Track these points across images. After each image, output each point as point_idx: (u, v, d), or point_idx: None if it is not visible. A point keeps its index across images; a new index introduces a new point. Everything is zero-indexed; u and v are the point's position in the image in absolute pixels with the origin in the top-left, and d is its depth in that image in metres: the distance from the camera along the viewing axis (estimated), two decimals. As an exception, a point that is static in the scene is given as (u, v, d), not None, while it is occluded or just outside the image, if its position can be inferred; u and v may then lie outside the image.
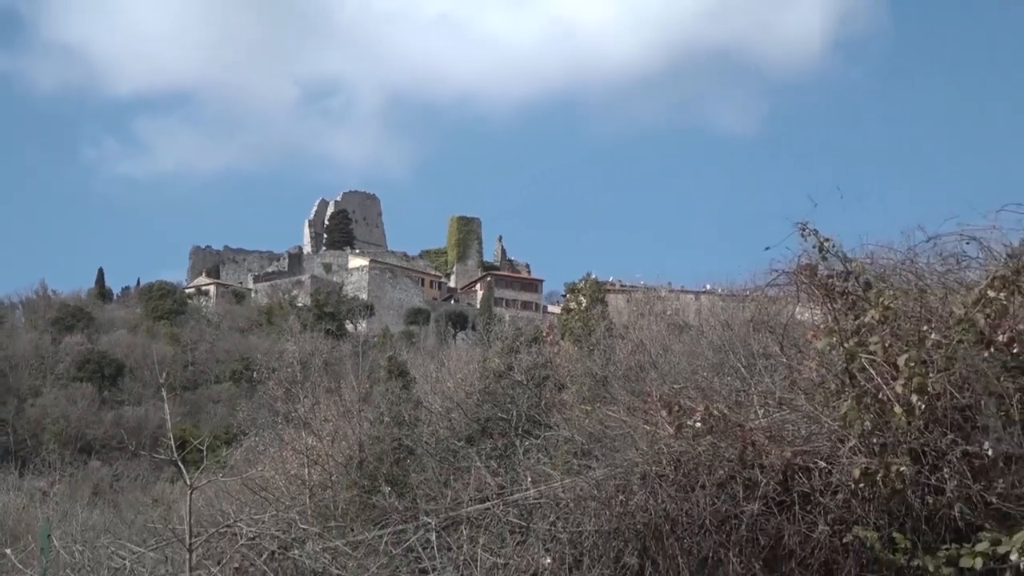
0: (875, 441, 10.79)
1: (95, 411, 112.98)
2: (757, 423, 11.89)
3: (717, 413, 11.57)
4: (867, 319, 11.25)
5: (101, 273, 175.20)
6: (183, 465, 13.98)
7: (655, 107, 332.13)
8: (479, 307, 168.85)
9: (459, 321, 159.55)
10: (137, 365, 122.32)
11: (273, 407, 25.19)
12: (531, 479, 13.92)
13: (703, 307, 42.99)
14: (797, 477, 11.19)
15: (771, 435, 11.57)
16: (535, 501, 13.25)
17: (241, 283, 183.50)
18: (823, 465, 11.09)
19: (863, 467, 10.53)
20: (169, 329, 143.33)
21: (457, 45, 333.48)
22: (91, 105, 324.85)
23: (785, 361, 13.08)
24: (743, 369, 15.95)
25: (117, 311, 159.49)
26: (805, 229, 11.95)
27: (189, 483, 13.31)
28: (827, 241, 11.94)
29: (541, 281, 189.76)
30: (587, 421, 15.47)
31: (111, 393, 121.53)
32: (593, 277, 66.30)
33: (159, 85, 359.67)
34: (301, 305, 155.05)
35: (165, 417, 14.63)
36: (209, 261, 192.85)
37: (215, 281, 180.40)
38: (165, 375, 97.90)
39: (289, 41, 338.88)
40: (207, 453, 14.75)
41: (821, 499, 10.97)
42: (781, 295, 14.18)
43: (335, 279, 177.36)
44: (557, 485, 13.18)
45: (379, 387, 25.25)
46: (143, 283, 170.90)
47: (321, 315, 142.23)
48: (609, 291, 69.84)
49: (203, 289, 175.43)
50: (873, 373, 10.83)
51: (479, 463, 15.49)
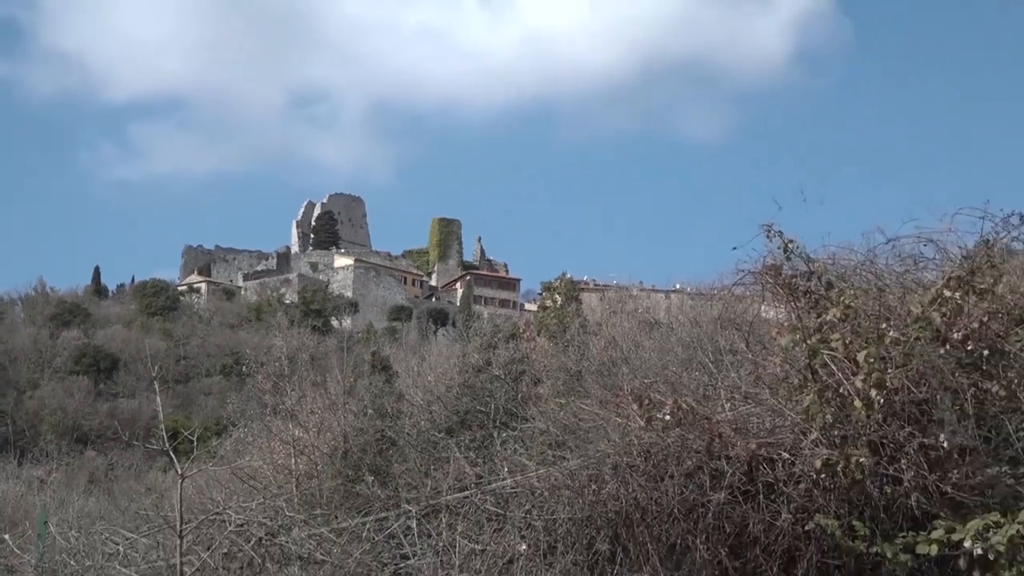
0: (836, 433, 10.80)
1: (91, 403, 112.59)
2: (724, 416, 11.89)
3: (685, 406, 11.57)
4: (829, 317, 11.26)
5: (97, 271, 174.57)
6: (175, 455, 13.93)
7: (627, 114, 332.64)
8: (459, 305, 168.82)
9: (440, 318, 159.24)
10: (131, 359, 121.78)
11: (261, 400, 25.01)
12: (508, 469, 13.90)
13: (673, 305, 42.89)
14: (762, 468, 11.19)
15: (737, 427, 11.57)
16: (511, 490, 13.23)
17: (231, 281, 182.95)
18: (786, 456, 11.10)
19: (824, 458, 10.55)
20: (162, 325, 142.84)
21: (438, 55, 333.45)
22: (88, 110, 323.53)
23: (751, 357, 13.07)
24: (710, 365, 15.93)
25: (112, 307, 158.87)
26: (770, 231, 11.96)
27: (180, 472, 13.24)
28: (791, 242, 11.95)
29: (518, 280, 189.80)
30: (561, 414, 15.40)
31: (106, 386, 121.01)
32: (568, 276, 66.35)
33: (154, 91, 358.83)
34: (289, 302, 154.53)
35: (158, 409, 14.54)
36: (201, 260, 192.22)
37: (206, 279, 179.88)
38: (158, 369, 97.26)
39: (279, 50, 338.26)
40: (198, 443, 14.68)
41: (784, 489, 10.97)
42: (747, 294, 14.15)
43: (321, 277, 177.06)
44: (532, 475, 13.17)
45: (363, 381, 25.10)
46: (137, 281, 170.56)
47: (308, 312, 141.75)
48: (583, 290, 69.71)
49: (195, 287, 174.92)
50: (834, 369, 10.84)
51: (458, 454, 15.45)
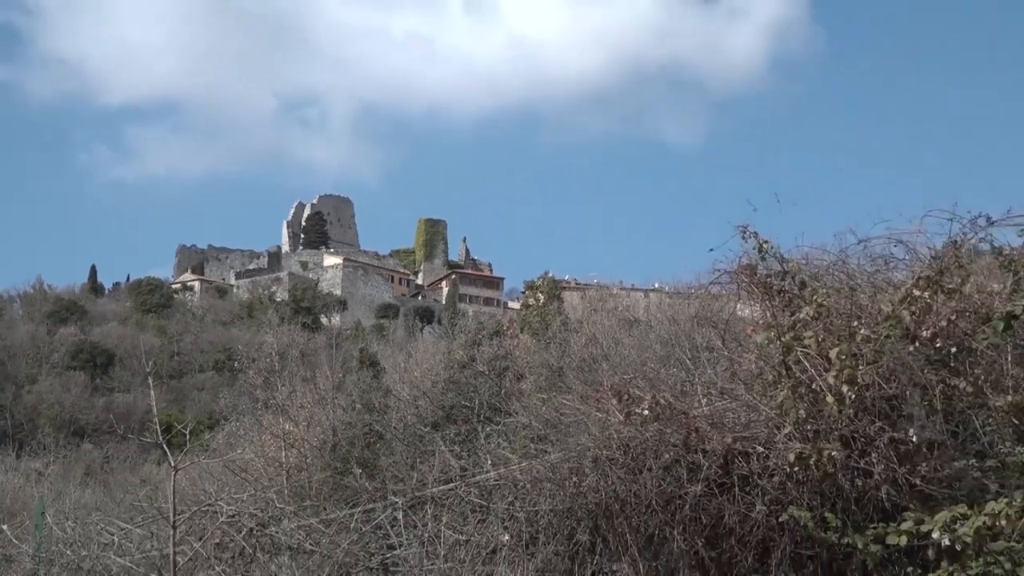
0: (809, 428, 10.80)
1: (87, 397, 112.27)
2: (700, 411, 11.88)
3: (663, 401, 11.55)
4: (802, 315, 11.25)
5: (94, 269, 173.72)
6: (168, 448, 13.89)
7: (609, 119, 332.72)
8: (444, 303, 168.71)
9: (426, 316, 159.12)
10: (127, 355, 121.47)
11: (253, 394, 24.98)
12: (491, 462, 13.90)
13: (651, 304, 42.77)
14: (737, 461, 11.18)
15: (713, 422, 11.56)
16: (495, 483, 13.22)
17: (224, 279, 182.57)
18: (761, 450, 11.09)
19: (798, 452, 10.54)
20: (156, 322, 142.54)
21: (425, 61, 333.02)
22: (85, 113, 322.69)
23: (726, 354, 13.06)
24: (688, 361, 15.93)
25: (108, 305, 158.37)
26: (745, 232, 11.95)
27: (174, 464, 13.21)
28: (766, 243, 11.94)
29: (502, 279, 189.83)
30: (543, 409, 15.39)
31: (102, 381, 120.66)
32: (550, 275, 66.39)
33: (148, 96, 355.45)
34: (279, 300, 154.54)
35: (152, 403, 14.49)
36: (194, 259, 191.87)
37: (200, 277, 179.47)
38: (152, 364, 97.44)
39: (270, 56, 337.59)
40: (191, 437, 14.58)
41: (759, 481, 10.96)
42: (723, 293, 14.17)
43: (311, 276, 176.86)
44: (515, 468, 13.15)
45: (351, 376, 25.12)
46: (133, 279, 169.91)
47: (298, 309, 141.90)
48: (565, 288, 69.90)
49: (188, 285, 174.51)
50: (807, 365, 10.84)
51: (443, 447, 15.44)
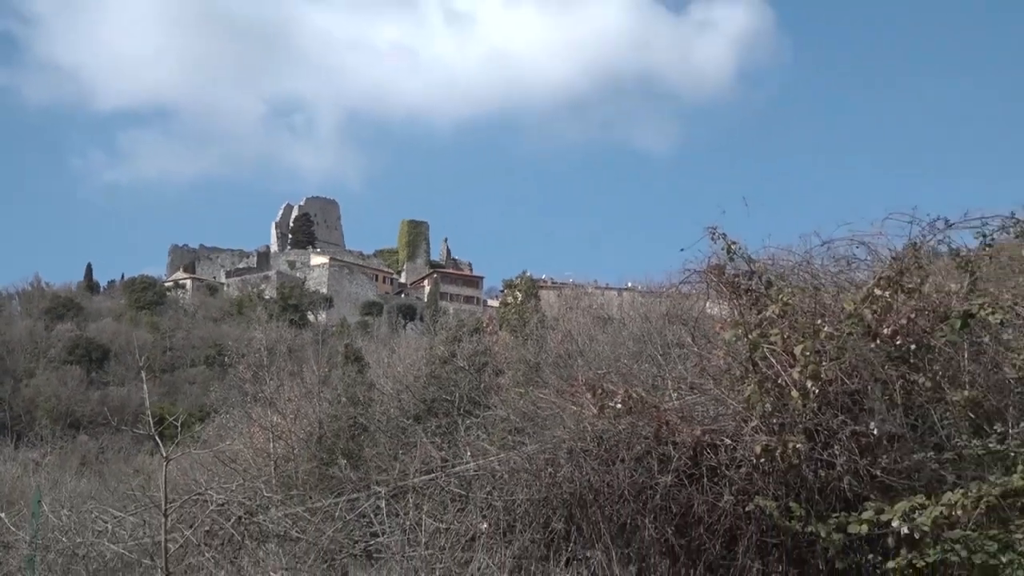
0: (774, 421, 10.82)
1: (83, 391, 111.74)
2: (671, 405, 11.89)
3: (636, 396, 11.56)
4: (768, 313, 11.27)
5: (89, 268, 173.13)
6: (160, 439, 13.80)
7: (584, 126, 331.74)
8: (426, 301, 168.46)
9: (409, 313, 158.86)
10: (121, 350, 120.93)
11: (242, 388, 24.89)
12: (471, 453, 13.87)
13: (624, 302, 42.79)
14: (706, 453, 11.19)
15: (683, 415, 11.57)
16: (474, 473, 13.20)
17: (215, 278, 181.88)
18: (728, 442, 11.10)
19: (764, 444, 10.56)
20: (150, 318, 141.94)
21: (407, 70, 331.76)
22: (79, 119, 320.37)
23: (696, 350, 13.08)
24: (659, 357, 15.91)
25: (103, 302, 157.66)
26: (715, 233, 11.97)
27: (165, 455, 13.13)
28: (734, 244, 11.96)
29: (482, 278, 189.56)
30: (521, 402, 15.39)
31: (97, 375, 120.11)
32: (528, 275, 66.12)
33: (141, 101, 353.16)
34: (268, 298, 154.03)
35: (145, 397, 14.36)
36: (186, 258, 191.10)
37: (191, 276, 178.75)
38: (145, 359, 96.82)
39: (259, 64, 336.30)
40: (182, 429, 14.52)
41: (727, 472, 10.98)
42: (693, 292, 14.15)
43: (298, 275, 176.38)
44: (494, 459, 13.14)
45: (337, 371, 25.04)
46: (127, 277, 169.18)
47: (286, 307, 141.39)
48: (542, 287, 69.66)
49: (180, 283, 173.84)
50: (773, 361, 10.85)
51: (425, 439, 15.41)
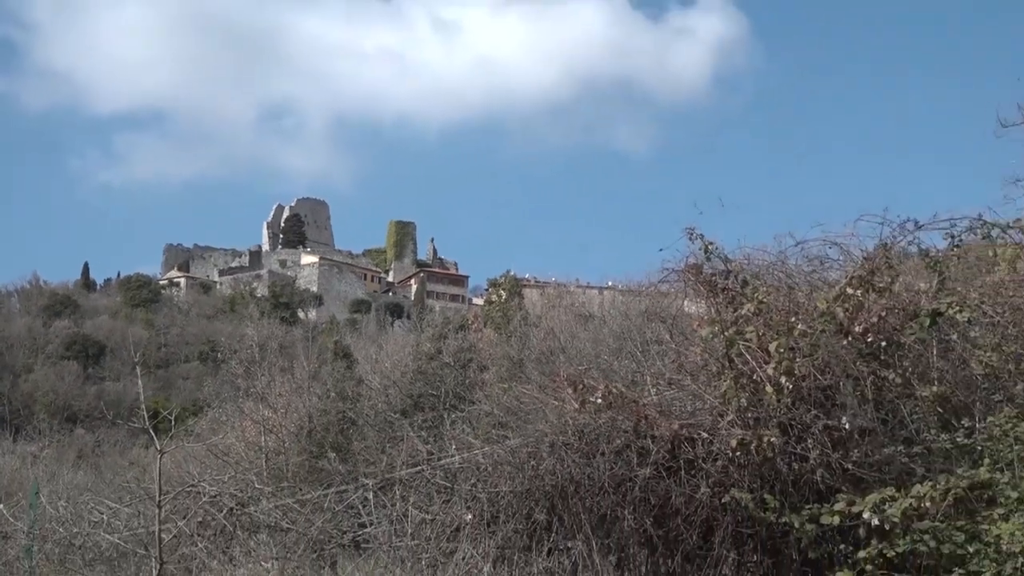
0: (750, 416, 10.83)
1: (80, 386, 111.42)
2: (650, 400, 11.90)
3: (615, 391, 11.56)
4: (744, 311, 11.29)
5: (86, 266, 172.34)
6: (155, 433, 13.75)
7: (565, 130, 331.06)
8: (413, 299, 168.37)
9: (396, 311, 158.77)
10: (117, 346, 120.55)
11: (234, 383, 24.85)
12: (456, 447, 13.85)
13: (605, 300, 42.82)
14: (683, 446, 11.19)
15: (661, 410, 11.57)
16: (459, 466, 13.19)
17: (208, 276, 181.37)
18: (705, 436, 11.11)
19: (739, 438, 10.57)
20: (145, 315, 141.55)
21: (395, 75, 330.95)
22: (76, 122, 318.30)
23: (674, 347, 13.09)
24: (638, 354, 15.95)
25: (100, 299, 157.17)
26: (692, 234, 12.00)
27: (160, 448, 13.09)
28: (711, 244, 12.00)
29: (467, 277, 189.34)
30: (504, 397, 15.38)
31: (94, 370, 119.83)
32: (512, 274, 66.38)
33: (136, 105, 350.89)
34: (260, 296, 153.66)
35: (140, 391, 14.36)
36: (180, 257, 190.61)
37: (185, 274, 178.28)
38: (140, 355, 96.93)
39: (251, 69, 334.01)
40: (176, 423, 14.48)
41: (703, 465, 10.98)
42: (671, 290, 14.18)
43: (289, 273, 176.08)
44: (478, 452, 13.13)
45: (326, 367, 25.05)
46: (123, 275, 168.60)
47: (277, 304, 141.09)
48: (525, 286, 69.70)
49: (175, 281, 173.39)
50: (748, 358, 10.87)
51: (411, 433, 15.39)
